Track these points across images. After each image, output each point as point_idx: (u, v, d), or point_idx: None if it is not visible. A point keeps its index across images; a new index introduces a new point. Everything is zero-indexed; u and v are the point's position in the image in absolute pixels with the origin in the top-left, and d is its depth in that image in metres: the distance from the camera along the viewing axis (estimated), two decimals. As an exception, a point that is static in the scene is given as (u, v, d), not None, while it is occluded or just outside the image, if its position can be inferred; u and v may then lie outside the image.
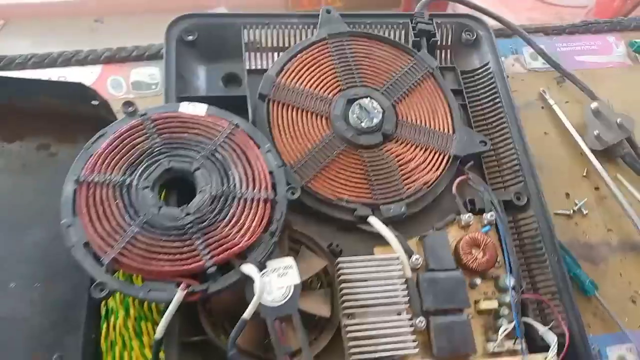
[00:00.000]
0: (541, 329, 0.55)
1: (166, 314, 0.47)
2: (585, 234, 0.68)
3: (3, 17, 0.75)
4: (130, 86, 0.71)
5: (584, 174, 0.72)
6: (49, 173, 0.60)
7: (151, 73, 0.73)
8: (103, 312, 0.56)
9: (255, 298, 0.48)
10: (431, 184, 0.61)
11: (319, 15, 0.67)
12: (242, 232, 0.51)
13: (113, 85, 0.70)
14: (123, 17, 0.78)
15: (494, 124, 0.68)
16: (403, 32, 0.70)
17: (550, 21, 0.95)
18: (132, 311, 0.56)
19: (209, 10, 0.67)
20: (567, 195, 0.70)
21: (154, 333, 0.54)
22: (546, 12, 1.66)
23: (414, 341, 0.52)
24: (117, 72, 0.71)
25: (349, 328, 0.52)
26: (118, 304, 0.56)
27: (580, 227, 0.68)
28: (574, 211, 0.68)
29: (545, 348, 0.54)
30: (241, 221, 0.52)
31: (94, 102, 0.60)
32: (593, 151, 0.72)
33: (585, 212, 0.69)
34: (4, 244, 0.56)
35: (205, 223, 0.51)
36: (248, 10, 0.67)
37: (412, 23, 0.70)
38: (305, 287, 0.54)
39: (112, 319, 0.56)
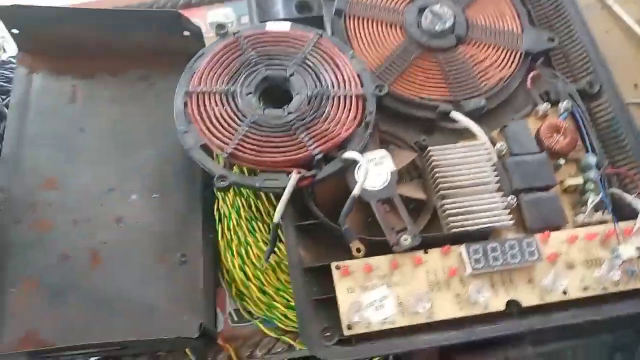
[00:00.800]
0: (629, 197, 0.58)
1: (283, 196, 0.52)
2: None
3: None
4: (208, 26, 0.76)
5: (650, 65, 0.75)
6: (151, 101, 0.66)
7: (226, 13, 0.78)
8: (216, 216, 0.61)
9: (362, 173, 0.52)
10: (507, 79, 0.64)
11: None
12: (339, 125, 0.56)
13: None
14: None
15: (559, 24, 0.70)
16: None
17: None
18: (242, 212, 0.61)
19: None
20: (635, 86, 0.73)
21: (266, 230, 0.59)
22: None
23: (508, 213, 0.55)
24: (195, 14, 0.76)
25: (445, 207, 0.56)
26: (229, 208, 0.61)
27: (653, 113, 0.71)
28: (644, 99, 0.71)
29: (633, 217, 0.57)
30: (337, 116, 0.56)
31: (186, 33, 0.65)
32: (657, 42, 0.74)
33: (655, 98, 0.71)
34: (122, 162, 0.62)
35: (306, 119, 0.56)
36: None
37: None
38: (397, 180, 0.58)
39: (225, 222, 0.61)
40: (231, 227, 0.60)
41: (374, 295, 0.50)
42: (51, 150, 0.62)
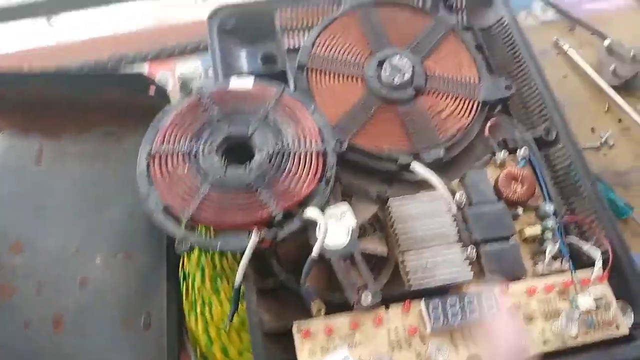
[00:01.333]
0: (585, 245, 0.59)
1: (243, 258, 0.53)
2: (614, 163, 0.72)
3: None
4: (177, 79, 0.77)
5: (606, 109, 0.77)
6: (117, 157, 0.66)
7: (194, 65, 0.79)
8: (181, 275, 0.62)
9: (321, 235, 0.53)
10: (465, 128, 0.65)
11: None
12: (300, 182, 0.56)
13: (161, 81, 0.76)
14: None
15: (516, 72, 0.72)
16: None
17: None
18: (207, 271, 0.61)
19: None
20: (592, 130, 0.75)
21: (230, 288, 0.60)
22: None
23: (468, 266, 0.56)
24: (163, 67, 0.77)
25: (406, 262, 0.56)
26: (194, 267, 0.61)
27: (609, 157, 0.73)
28: (600, 144, 0.73)
29: (591, 265, 0.58)
30: (298, 173, 0.57)
31: (151, 92, 0.66)
32: (612, 87, 0.76)
33: (611, 143, 0.73)
34: (88, 222, 0.62)
35: (267, 178, 0.56)
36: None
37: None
38: (360, 233, 0.59)
39: (189, 281, 0.61)
40: (195, 287, 0.60)
41: (336, 357, 0.51)
42: (16, 212, 0.62)
